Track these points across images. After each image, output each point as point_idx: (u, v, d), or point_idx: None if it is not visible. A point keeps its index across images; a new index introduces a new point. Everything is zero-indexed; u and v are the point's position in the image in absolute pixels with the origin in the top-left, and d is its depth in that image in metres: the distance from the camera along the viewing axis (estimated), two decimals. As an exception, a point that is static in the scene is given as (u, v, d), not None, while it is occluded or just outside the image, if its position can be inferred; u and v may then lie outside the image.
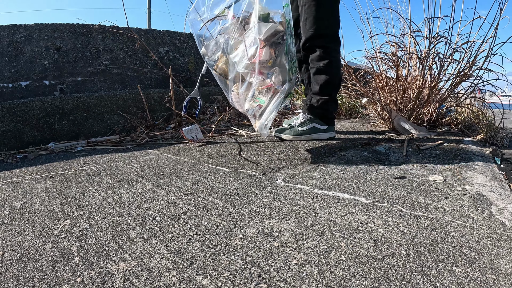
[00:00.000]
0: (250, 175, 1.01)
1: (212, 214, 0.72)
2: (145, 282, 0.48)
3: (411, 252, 0.53)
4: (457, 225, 0.62)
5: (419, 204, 0.73)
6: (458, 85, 1.80)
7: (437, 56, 1.74)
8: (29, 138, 1.77)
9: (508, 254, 0.52)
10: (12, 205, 0.87)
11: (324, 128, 1.54)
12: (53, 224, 0.71)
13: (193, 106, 2.31)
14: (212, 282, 0.47)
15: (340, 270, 0.49)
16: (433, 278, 0.46)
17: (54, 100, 1.87)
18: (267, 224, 0.66)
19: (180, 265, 0.52)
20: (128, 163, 1.28)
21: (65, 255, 0.58)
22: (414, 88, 1.77)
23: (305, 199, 0.79)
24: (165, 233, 0.64)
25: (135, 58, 2.50)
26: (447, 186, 0.85)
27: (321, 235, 0.60)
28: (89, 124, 1.97)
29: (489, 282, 0.45)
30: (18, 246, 0.62)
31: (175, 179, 1.01)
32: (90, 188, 0.97)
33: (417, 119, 1.78)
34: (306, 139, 1.52)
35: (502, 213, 0.67)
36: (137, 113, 2.16)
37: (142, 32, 2.56)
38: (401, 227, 0.62)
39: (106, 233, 0.65)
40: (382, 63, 1.95)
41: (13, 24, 2.09)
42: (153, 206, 0.79)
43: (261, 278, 0.48)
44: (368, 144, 1.41)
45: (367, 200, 0.77)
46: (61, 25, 2.23)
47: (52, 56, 2.17)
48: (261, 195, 0.83)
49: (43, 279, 0.50)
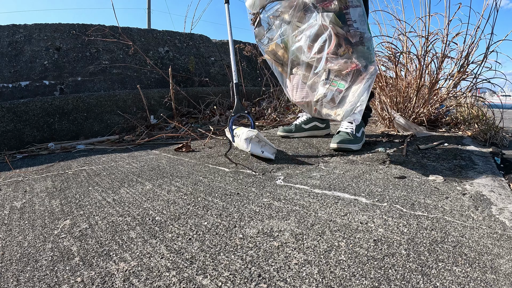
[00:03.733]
0: (250, 175, 1.01)
1: (212, 214, 0.72)
2: (145, 282, 0.48)
3: (411, 252, 0.53)
4: (457, 224, 0.62)
5: (419, 203, 0.73)
6: (458, 84, 1.80)
7: (434, 55, 1.74)
8: (29, 138, 1.77)
9: (508, 254, 0.52)
10: (12, 205, 0.86)
11: (364, 130, 1.44)
12: (53, 224, 0.71)
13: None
14: (212, 282, 0.47)
15: (340, 270, 0.49)
16: (433, 278, 0.46)
17: (54, 100, 1.87)
18: (267, 224, 0.66)
19: (180, 265, 0.52)
20: (128, 163, 1.28)
21: (65, 255, 0.57)
22: (414, 88, 1.77)
23: (305, 199, 0.79)
24: (165, 233, 0.64)
25: (135, 58, 2.50)
26: (447, 186, 0.85)
27: (321, 235, 0.60)
28: (89, 124, 1.96)
29: (489, 282, 0.45)
30: (18, 246, 0.62)
31: (175, 179, 1.01)
32: (90, 188, 0.97)
33: (417, 119, 1.78)
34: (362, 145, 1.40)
35: (502, 212, 0.67)
36: (137, 113, 2.16)
37: (142, 32, 2.56)
38: (401, 227, 0.62)
39: (106, 233, 0.65)
40: (380, 64, 1.95)
41: (13, 24, 2.09)
42: (153, 206, 0.79)
43: (261, 278, 0.48)
44: (368, 144, 1.41)
45: (367, 200, 0.77)
46: (61, 25, 2.23)
47: (52, 56, 2.17)
48: (261, 195, 0.83)
49: (43, 279, 0.50)
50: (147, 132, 1.97)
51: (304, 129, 1.62)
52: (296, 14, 1.13)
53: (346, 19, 1.06)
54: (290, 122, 2.11)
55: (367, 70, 1.06)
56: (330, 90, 1.08)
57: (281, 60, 1.20)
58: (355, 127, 1.34)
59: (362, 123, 1.39)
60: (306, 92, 1.14)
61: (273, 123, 2.16)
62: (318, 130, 1.65)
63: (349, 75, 1.07)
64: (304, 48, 1.10)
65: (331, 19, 1.06)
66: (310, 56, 1.08)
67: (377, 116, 1.96)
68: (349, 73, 1.07)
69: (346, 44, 1.08)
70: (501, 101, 1.68)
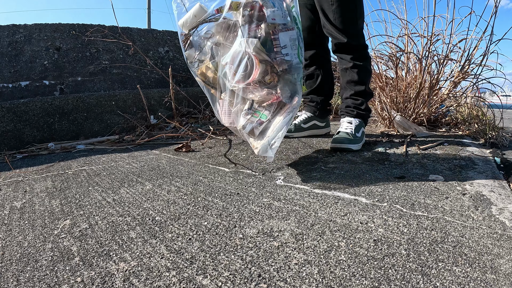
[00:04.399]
0: (250, 175, 1.01)
1: (212, 214, 0.72)
2: (145, 282, 0.48)
3: (411, 252, 0.53)
4: (457, 224, 0.62)
5: (419, 203, 0.73)
6: (458, 84, 1.80)
7: (435, 55, 1.74)
8: (29, 138, 1.77)
9: (508, 254, 0.52)
10: (12, 205, 0.87)
11: (364, 130, 1.43)
12: (53, 224, 0.71)
13: None
14: (212, 282, 0.47)
15: (340, 270, 0.49)
16: (433, 278, 0.46)
17: (54, 100, 1.87)
18: (267, 224, 0.66)
19: (180, 265, 0.52)
20: (128, 163, 1.28)
21: (65, 255, 0.58)
22: (414, 88, 1.77)
23: (305, 199, 0.79)
24: (165, 233, 0.64)
25: (135, 58, 2.50)
26: (447, 186, 0.85)
27: (321, 235, 0.60)
28: (89, 124, 1.96)
29: (489, 282, 0.45)
30: (18, 246, 0.62)
31: (175, 179, 1.01)
32: (90, 188, 0.97)
33: (417, 119, 1.78)
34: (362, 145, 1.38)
35: (502, 213, 0.67)
36: (137, 113, 2.16)
37: (142, 32, 2.56)
38: (401, 227, 0.62)
39: (106, 233, 0.65)
40: (381, 64, 1.95)
41: (13, 24, 2.09)
42: (153, 206, 0.79)
43: (261, 278, 0.48)
44: (368, 144, 1.41)
45: (367, 200, 0.77)
46: (61, 25, 2.23)
47: (52, 56, 2.17)
48: (261, 195, 0.83)
49: (43, 279, 0.50)
50: (147, 132, 1.97)
51: (303, 128, 1.62)
52: (228, 36, 1.04)
53: (274, 46, 0.99)
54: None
55: (291, 102, 1.00)
56: (250, 122, 1.01)
57: (211, 83, 1.13)
58: (354, 127, 1.34)
59: (362, 123, 1.39)
60: (233, 118, 1.08)
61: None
62: (318, 129, 1.65)
63: (273, 106, 1.01)
64: (228, 75, 1.02)
65: (255, 46, 0.97)
66: (232, 84, 1.02)
67: (377, 116, 1.96)
68: (273, 104, 1.01)
69: (272, 72, 1.02)
70: (501, 101, 1.68)
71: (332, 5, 1.33)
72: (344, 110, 1.43)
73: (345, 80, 1.44)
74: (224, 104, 1.10)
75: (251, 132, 1.00)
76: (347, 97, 1.44)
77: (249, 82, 0.99)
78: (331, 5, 1.33)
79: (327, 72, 1.60)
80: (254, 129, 1.00)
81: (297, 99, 1.00)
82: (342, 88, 1.48)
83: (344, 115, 1.43)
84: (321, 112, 1.62)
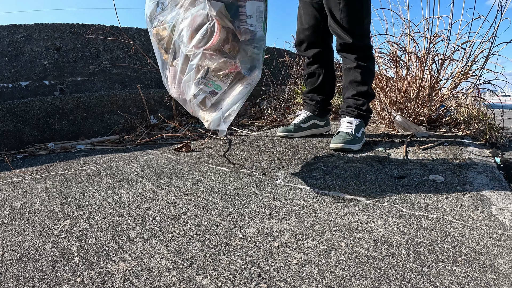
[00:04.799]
0: (250, 175, 1.01)
1: (212, 214, 0.72)
2: (145, 282, 0.48)
3: (411, 252, 0.53)
4: (457, 225, 0.62)
5: (419, 203, 0.73)
6: (458, 85, 1.80)
7: (436, 55, 1.74)
8: (29, 138, 1.77)
9: (508, 254, 0.52)
10: (12, 205, 0.87)
11: (364, 130, 1.42)
12: (53, 224, 0.71)
13: None
14: (212, 282, 0.47)
15: (340, 270, 0.49)
16: (433, 278, 0.46)
17: (54, 100, 1.87)
18: (267, 224, 0.66)
19: (180, 265, 0.52)
20: (128, 163, 1.28)
21: (65, 255, 0.58)
22: (414, 88, 1.77)
23: (305, 199, 0.79)
24: (165, 233, 0.64)
25: (135, 58, 2.50)
26: (447, 186, 0.85)
27: (321, 235, 0.60)
28: (89, 124, 1.96)
29: (489, 282, 0.45)
30: (18, 246, 0.62)
31: (175, 179, 1.01)
32: (90, 188, 0.97)
33: (417, 119, 1.78)
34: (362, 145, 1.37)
35: (502, 213, 0.67)
36: (137, 113, 2.15)
37: (142, 32, 2.56)
38: (401, 227, 0.62)
39: (106, 233, 0.65)
40: (382, 63, 1.95)
41: (13, 24, 2.09)
42: (153, 206, 0.79)
43: (261, 278, 0.48)
44: (368, 144, 1.41)
45: (367, 200, 0.77)
46: (61, 25, 2.23)
47: (52, 56, 2.17)
48: (261, 195, 0.83)
49: (43, 279, 0.50)
50: (147, 132, 1.97)
51: (303, 128, 1.61)
52: None
53: (240, 13, 0.92)
54: (290, 122, 2.11)
55: (251, 74, 0.94)
56: (202, 91, 0.93)
57: (165, 46, 1.04)
58: (354, 127, 1.34)
59: (362, 123, 1.39)
60: (184, 88, 0.99)
61: (273, 123, 2.16)
62: (318, 128, 1.64)
63: (229, 77, 0.94)
64: (185, 38, 0.94)
65: (219, 10, 0.90)
66: (188, 48, 0.93)
67: (377, 116, 1.96)
68: (230, 75, 0.94)
69: (233, 41, 0.94)
70: (501, 101, 1.68)
71: (339, 4, 1.32)
72: (345, 110, 1.43)
73: (347, 80, 1.43)
74: (175, 72, 1.02)
75: (203, 102, 0.93)
76: (349, 97, 1.44)
77: (207, 47, 0.91)
78: (338, 4, 1.32)
79: (329, 71, 1.59)
80: (206, 99, 0.93)
81: (257, 72, 0.94)
82: (344, 88, 1.47)
83: (345, 115, 1.43)
84: (321, 111, 1.62)
